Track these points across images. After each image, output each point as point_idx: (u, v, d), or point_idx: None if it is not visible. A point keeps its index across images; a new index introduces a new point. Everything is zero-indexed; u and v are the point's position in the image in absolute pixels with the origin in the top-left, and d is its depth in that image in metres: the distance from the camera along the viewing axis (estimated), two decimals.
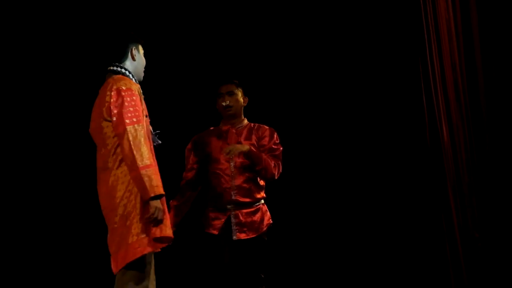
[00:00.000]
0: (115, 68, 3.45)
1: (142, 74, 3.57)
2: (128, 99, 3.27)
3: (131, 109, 3.25)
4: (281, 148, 4.24)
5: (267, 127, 4.28)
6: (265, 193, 4.25)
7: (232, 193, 4.12)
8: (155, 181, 3.20)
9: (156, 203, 3.21)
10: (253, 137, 4.22)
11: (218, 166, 4.16)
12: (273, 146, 4.22)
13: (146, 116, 3.39)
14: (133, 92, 3.30)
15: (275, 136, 4.25)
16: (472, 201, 4.82)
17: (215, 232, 4.11)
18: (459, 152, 4.85)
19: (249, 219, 4.12)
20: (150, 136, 3.41)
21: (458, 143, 4.86)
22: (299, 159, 5.20)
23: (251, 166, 4.12)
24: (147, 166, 3.20)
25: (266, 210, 4.24)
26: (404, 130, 5.03)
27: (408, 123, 4.99)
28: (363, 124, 5.16)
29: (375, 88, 5.14)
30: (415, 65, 4.89)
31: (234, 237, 4.10)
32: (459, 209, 4.81)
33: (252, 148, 4.11)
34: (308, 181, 5.26)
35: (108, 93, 3.31)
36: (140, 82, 3.50)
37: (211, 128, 4.32)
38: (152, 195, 3.19)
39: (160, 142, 3.54)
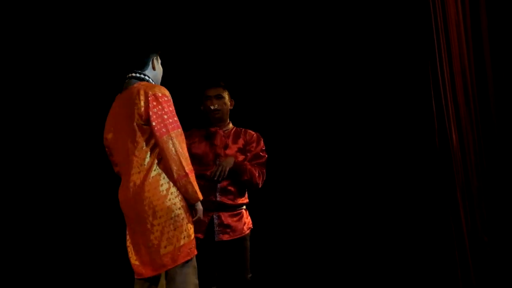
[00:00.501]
0: (137, 75, 3.52)
1: (160, 83, 3.63)
2: (166, 105, 3.36)
3: (171, 114, 3.36)
4: (266, 156, 4.29)
5: (253, 132, 4.33)
6: (248, 198, 4.28)
7: (216, 194, 4.14)
8: (197, 185, 3.39)
9: (200, 206, 3.44)
10: (240, 140, 4.27)
11: (204, 168, 4.16)
12: (260, 153, 4.28)
13: None
14: (169, 98, 3.41)
15: (261, 143, 4.31)
16: (481, 205, 4.80)
17: (201, 236, 4.09)
18: (468, 155, 4.84)
19: (232, 221, 4.15)
20: None
21: (468, 147, 4.85)
22: (301, 161, 5.27)
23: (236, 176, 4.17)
24: (192, 171, 3.36)
25: (248, 216, 4.27)
26: (413, 133, 5.04)
27: (418, 127, 5.00)
28: (373, 127, 5.18)
29: (384, 92, 5.15)
30: (424, 69, 4.89)
31: (217, 238, 4.12)
32: (467, 212, 4.79)
33: (236, 160, 4.15)
34: (313, 184, 5.29)
35: (142, 98, 3.37)
36: None
37: (195, 129, 4.32)
38: (201, 198, 3.40)
39: None
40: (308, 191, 5.29)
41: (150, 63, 3.56)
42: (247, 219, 4.26)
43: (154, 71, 3.58)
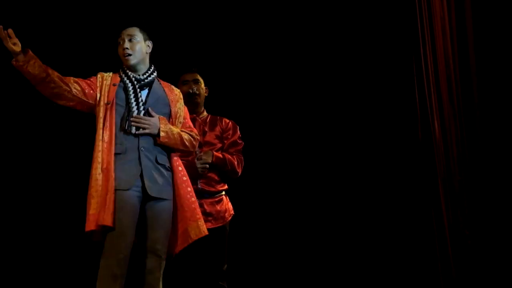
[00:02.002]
0: None
1: (124, 61, 3.76)
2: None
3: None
4: (243, 143, 4.32)
5: (228, 120, 4.36)
6: (227, 184, 4.28)
7: (198, 182, 4.13)
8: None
9: None
10: (217, 128, 4.30)
11: (185, 155, 4.12)
12: (237, 141, 4.32)
13: (107, 103, 3.58)
14: (96, 76, 3.76)
15: (237, 130, 4.34)
16: (462, 197, 4.77)
17: None
18: (450, 148, 4.82)
19: (213, 209, 4.14)
20: (112, 122, 3.56)
21: (450, 139, 4.83)
22: (283, 152, 5.30)
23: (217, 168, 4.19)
24: None
25: (228, 201, 4.27)
26: (396, 125, 5.05)
27: (400, 118, 5.02)
28: (354, 118, 5.19)
29: (368, 84, 5.17)
30: (408, 61, 4.90)
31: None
32: (449, 205, 4.76)
33: (214, 153, 4.19)
34: (293, 171, 5.28)
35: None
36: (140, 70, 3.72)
37: None
38: None
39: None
40: (288, 178, 5.29)
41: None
42: (228, 205, 4.25)
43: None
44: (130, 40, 3.70)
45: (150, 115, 3.63)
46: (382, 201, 5.06)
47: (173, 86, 3.87)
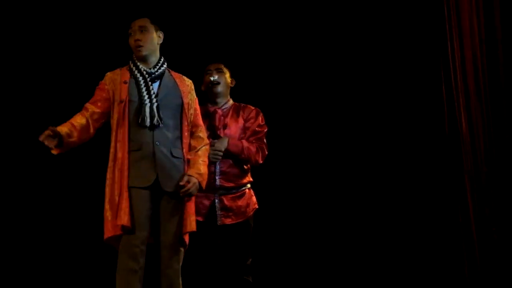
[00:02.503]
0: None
1: (136, 52, 3.73)
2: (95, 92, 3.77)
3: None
4: (266, 130, 4.19)
5: (252, 108, 4.24)
6: (251, 177, 4.19)
7: (216, 178, 4.04)
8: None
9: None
10: (240, 119, 4.18)
11: None
12: (257, 129, 4.17)
13: (121, 102, 3.55)
14: (101, 83, 3.74)
15: (260, 118, 4.20)
16: (489, 192, 4.75)
17: (201, 219, 3.96)
18: (477, 142, 4.82)
19: (234, 204, 4.05)
20: (125, 119, 3.55)
21: (477, 134, 4.83)
22: (308, 145, 5.28)
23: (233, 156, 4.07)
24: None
25: (252, 195, 4.17)
26: (423, 119, 5.05)
27: (427, 113, 5.02)
28: (382, 113, 5.19)
29: (396, 78, 5.18)
30: (436, 56, 4.95)
31: (219, 222, 4.02)
32: (475, 200, 4.75)
33: (230, 140, 4.06)
34: (320, 165, 5.27)
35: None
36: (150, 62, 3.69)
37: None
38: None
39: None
40: (314, 173, 5.28)
41: None
42: (250, 200, 4.14)
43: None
44: (141, 31, 3.66)
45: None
46: (409, 196, 5.03)
47: (184, 77, 3.81)
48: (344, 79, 5.29)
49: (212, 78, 4.15)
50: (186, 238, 3.59)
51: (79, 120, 3.55)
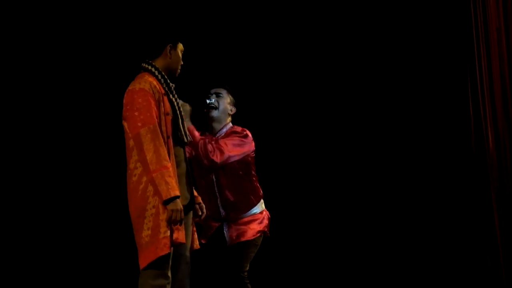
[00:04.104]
0: (144, 65, 3.45)
1: (177, 71, 3.53)
2: (140, 100, 3.27)
3: (144, 110, 3.25)
4: (235, 136, 3.96)
5: (237, 127, 4.07)
6: (263, 199, 4.10)
7: (220, 210, 3.99)
8: (168, 183, 3.20)
9: (172, 206, 3.21)
10: None
11: (202, 183, 3.98)
12: (225, 139, 3.95)
13: (167, 114, 3.35)
14: (146, 92, 3.28)
15: (236, 129, 4.02)
16: None
17: (203, 241, 3.95)
18: (504, 160, 4.84)
19: (241, 229, 3.98)
20: (170, 134, 3.35)
21: (504, 151, 4.84)
22: (331, 160, 5.27)
23: (238, 178, 3.98)
24: (158, 169, 3.20)
25: (264, 219, 4.07)
26: (449, 136, 5.04)
27: (454, 129, 5.01)
28: (408, 128, 5.16)
29: (422, 94, 5.14)
30: (463, 72, 4.93)
31: (228, 244, 3.98)
32: (502, 217, 4.79)
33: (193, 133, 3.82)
34: (342, 185, 5.27)
35: (124, 95, 3.35)
36: (174, 80, 3.50)
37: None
38: (166, 198, 3.19)
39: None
40: (337, 184, 5.28)
41: (163, 51, 3.45)
42: (262, 223, 4.04)
43: (169, 59, 3.47)
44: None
45: None
46: (436, 212, 5.05)
47: None
48: (371, 92, 5.25)
49: (208, 101, 4.02)
50: None
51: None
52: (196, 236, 3.57)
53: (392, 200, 5.16)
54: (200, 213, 3.60)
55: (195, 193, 3.59)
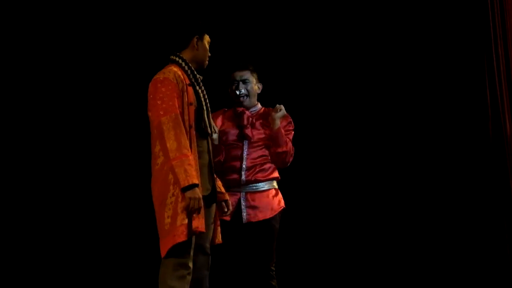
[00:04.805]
0: (172, 57, 3.51)
1: (204, 62, 3.57)
2: (163, 89, 3.33)
3: (167, 98, 3.31)
4: (293, 133, 4.12)
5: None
6: (279, 174, 4.09)
7: (242, 173, 3.99)
8: (187, 171, 3.22)
9: (190, 193, 3.22)
10: (267, 121, 4.09)
11: (230, 148, 4.03)
12: (289, 128, 4.09)
13: (191, 104, 3.39)
14: (169, 81, 3.35)
15: (289, 118, 4.12)
16: None
17: (227, 219, 3.91)
18: None
19: (260, 201, 3.98)
20: (192, 124, 3.39)
21: None
22: (340, 152, 5.22)
23: (268, 146, 4.03)
24: (178, 157, 3.23)
25: (279, 193, 4.08)
26: (466, 124, 4.97)
27: (471, 117, 4.94)
28: (425, 116, 5.10)
29: (439, 81, 5.09)
30: (480, 59, 4.89)
31: (245, 220, 3.95)
32: None
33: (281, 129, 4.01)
34: (361, 173, 5.20)
35: (149, 85, 3.40)
36: (200, 71, 3.54)
37: (225, 109, 4.17)
38: (183, 185, 3.21)
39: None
40: (351, 177, 5.20)
41: (190, 42, 3.52)
42: (277, 197, 4.05)
43: (196, 51, 3.53)
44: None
45: None
46: (452, 201, 4.95)
47: None
48: (387, 81, 5.20)
49: (238, 92, 4.07)
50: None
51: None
52: (219, 230, 3.57)
53: (409, 189, 5.07)
54: (226, 210, 3.63)
55: (223, 190, 3.62)
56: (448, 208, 4.99)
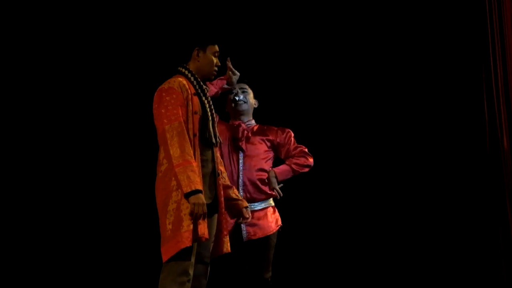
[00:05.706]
0: (180, 68, 3.56)
1: (210, 73, 3.59)
2: (168, 98, 3.38)
3: (171, 107, 3.35)
4: (302, 147, 4.21)
5: (275, 128, 4.24)
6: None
7: (240, 189, 4.03)
8: (190, 177, 3.25)
9: (193, 199, 3.24)
10: (265, 139, 4.18)
11: (225, 161, 4.05)
12: (297, 147, 4.20)
13: (195, 113, 3.42)
14: (174, 90, 3.39)
15: (292, 139, 4.22)
16: None
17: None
18: None
19: (259, 220, 4.04)
20: (197, 132, 3.41)
21: None
22: (342, 157, 5.23)
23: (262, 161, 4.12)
24: (181, 164, 3.26)
25: (275, 211, 4.16)
26: (463, 136, 4.98)
27: (468, 129, 4.95)
28: (421, 128, 5.10)
29: (437, 93, 5.09)
30: (478, 72, 4.88)
31: (245, 239, 4.02)
32: None
33: (275, 171, 4.10)
34: (358, 180, 5.21)
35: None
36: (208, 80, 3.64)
37: (221, 121, 4.17)
38: (186, 191, 3.24)
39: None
40: (352, 183, 5.22)
41: (192, 54, 3.56)
42: (274, 215, 4.13)
43: (198, 62, 3.56)
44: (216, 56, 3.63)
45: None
46: (449, 212, 4.98)
47: None
48: (386, 93, 5.20)
49: (237, 98, 4.16)
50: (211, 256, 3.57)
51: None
52: (228, 239, 3.57)
53: (405, 201, 5.09)
54: (247, 216, 3.69)
55: (240, 197, 3.70)
56: (445, 220, 5.00)
